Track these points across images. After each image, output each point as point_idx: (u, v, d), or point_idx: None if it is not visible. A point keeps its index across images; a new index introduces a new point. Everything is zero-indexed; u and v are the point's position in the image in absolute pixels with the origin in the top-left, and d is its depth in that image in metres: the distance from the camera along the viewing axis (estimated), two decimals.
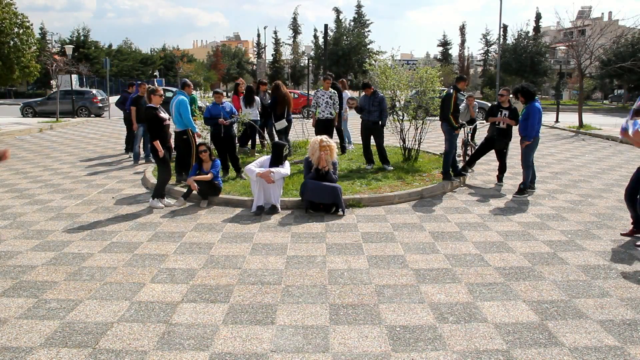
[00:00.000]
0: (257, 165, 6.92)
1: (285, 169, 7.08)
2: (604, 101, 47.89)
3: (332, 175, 6.75)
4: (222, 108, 8.70)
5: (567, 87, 47.35)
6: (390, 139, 10.82)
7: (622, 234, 5.94)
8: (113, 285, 4.46)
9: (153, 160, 10.33)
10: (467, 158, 9.51)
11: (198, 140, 8.20)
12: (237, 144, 9.94)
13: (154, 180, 8.29)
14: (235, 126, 9.21)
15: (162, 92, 7.30)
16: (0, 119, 22.05)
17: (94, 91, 27.19)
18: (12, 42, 18.36)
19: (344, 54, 46.42)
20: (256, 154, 10.27)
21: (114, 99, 21.52)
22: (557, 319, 3.85)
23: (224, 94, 9.66)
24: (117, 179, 9.18)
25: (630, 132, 5.45)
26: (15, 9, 18.83)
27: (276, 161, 7.00)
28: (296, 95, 26.79)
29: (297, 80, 55.64)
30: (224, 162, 8.58)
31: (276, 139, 10.21)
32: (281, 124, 10.05)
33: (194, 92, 10.35)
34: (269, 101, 10.53)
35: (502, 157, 8.65)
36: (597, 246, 5.54)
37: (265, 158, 7.16)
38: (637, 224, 5.83)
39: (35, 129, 18.13)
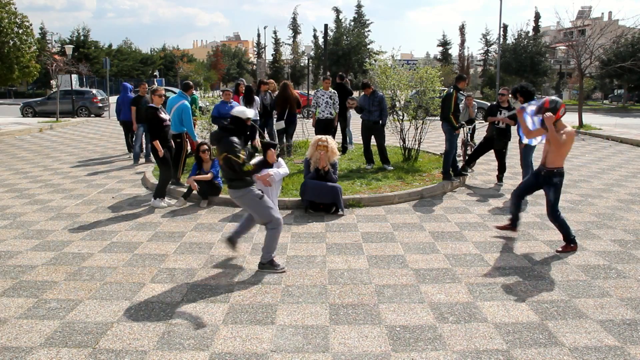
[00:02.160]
0: None
1: (283, 168, 7.07)
2: (604, 101, 47.86)
3: (332, 175, 6.75)
4: (231, 107, 8.64)
5: (567, 87, 47.31)
6: (390, 139, 10.82)
7: (496, 227, 6.00)
8: (113, 285, 4.47)
9: (153, 160, 10.34)
10: (467, 157, 9.52)
11: (198, 140, 8.18)
12: None
13: (154, 180, 8.29)
14: None
15: (163, 92, 7.29)
16: (0, 119, 22.05)
17: (94, 91, 27.19)
18: (11, 42, 18.34)
19: (344, 54, 46.44)
20: (256, 154, 10.27)
21: (113, 99, 21.42)
22: (557, 319, 3.85)
23: (231, 92, 9.50)
24: (117, 179, 9.17)
25: (531, 127, 5.53)
26: (15, 9, 18.82)
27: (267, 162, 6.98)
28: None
29: (297, 80, 55.63)
30: None
31: (276, 139, 10.21)
32: (279, 124, 10.05)
33: (194, 92, 10.35)
34: (269, 101, 10.53)
35: (501, 157, 8.65)
36: (597, 246, 5.53)
37: (260, 159, 7.13)
38: (514, 222, 5.83)
39: (35, 128, 18.13)
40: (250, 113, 4.67)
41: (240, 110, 4.60)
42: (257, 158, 7.22)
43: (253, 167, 4.50)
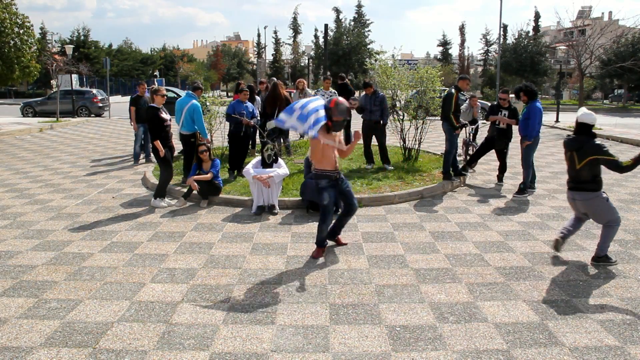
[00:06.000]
0: (252, 166, 6.93)
1: (283, 169, 7.08)
2: (604, 101, 47.88)
3: None
4: (246, 107, 8.64)
5: (567, 87, 47.36)
6: (391, 139, 10.81)
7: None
8: (113, 285, 4.47)
9: (153, 160, 10.34)
10: (469, 158, 9.52)
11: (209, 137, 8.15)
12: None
13: (154, 180, 8.29)
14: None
15: (164, 92, 7.28)
16: (0, 119, 22.05)
17: (94, 91, 27.17)
18: (12, 42, 18.36)
19: (344, 53, 46.39)
20: (256, 154, 10.27)
21: (114, 98, 21.44)
22: (557, 319, 3.85)
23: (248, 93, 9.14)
24: (117, 179, 9.18)
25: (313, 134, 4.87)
26: (16, 9, 18.84)
27: (264, 162, 7.00)
28: None
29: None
30: (237, 161, 8.51)
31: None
32: (270, 124, 10.08)
33: None
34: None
35: (502, 157, 8.65)
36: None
37: (259, 159, 7.16)
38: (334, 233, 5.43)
39: (35, 128, 18.13)
40: (593, 117, 4.78)
41: (588, 117, 4.72)
42: (258, 158, 7.32)
43: (632, 162, 4.58)
